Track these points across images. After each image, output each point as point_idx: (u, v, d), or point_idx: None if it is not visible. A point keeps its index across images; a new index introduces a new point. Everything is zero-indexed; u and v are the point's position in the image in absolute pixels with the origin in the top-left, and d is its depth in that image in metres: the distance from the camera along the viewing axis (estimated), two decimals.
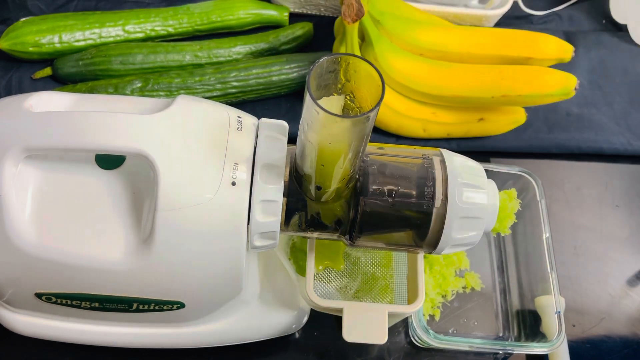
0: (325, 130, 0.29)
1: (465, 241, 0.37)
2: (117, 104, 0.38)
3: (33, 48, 0.58)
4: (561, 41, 0.56)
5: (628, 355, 0.53)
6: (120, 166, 0.38)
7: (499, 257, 0.56)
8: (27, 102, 0.36)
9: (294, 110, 0.61)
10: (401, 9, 0.58)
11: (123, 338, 0.44)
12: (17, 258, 0.36)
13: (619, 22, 0.70)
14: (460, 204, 0.36)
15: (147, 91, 0.56)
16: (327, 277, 0.47)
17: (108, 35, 0.59)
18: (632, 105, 0.65)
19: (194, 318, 0.43)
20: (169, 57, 0.58)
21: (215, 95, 0.57)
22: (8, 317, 0.42)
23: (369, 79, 0.30)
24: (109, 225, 0.37)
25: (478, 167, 0.39)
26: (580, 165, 0.62)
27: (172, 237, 0.35)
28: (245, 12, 0.63)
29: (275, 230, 0.36)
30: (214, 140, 0.36)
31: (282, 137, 0.37)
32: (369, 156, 0.38)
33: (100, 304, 0.39)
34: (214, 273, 0.38)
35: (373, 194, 0.36)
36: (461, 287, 0.52)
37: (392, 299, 0.46)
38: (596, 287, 0.56)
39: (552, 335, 0.47)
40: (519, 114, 0.59)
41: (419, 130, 0.58)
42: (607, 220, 0.59)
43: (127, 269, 0.36)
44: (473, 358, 0.51)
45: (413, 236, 0.38)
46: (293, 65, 0.59)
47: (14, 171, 0.35)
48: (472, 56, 0.56)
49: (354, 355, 0.50)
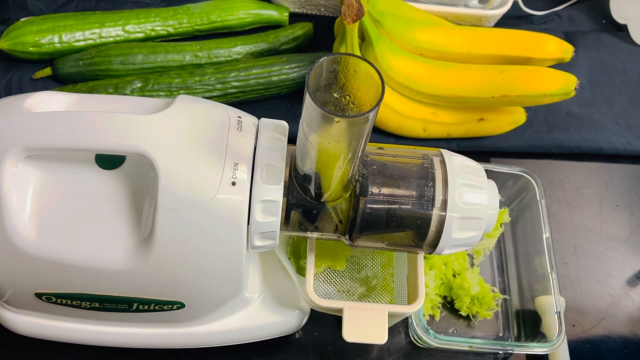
0: (324, 130, 0.29)
1: (466, 241, 0.37)
2: (117, 104, 0.38)
3: (33, 48, 0.58)
4: (561, 41, 0.56)
5: (628, 355, 0.53)
6: (120, 166, 0.38)
7: (499, 257, 0.56)
8: (27, 102, 0.36)
9: (294, 110, 0.61)
10: (401, 9, 0.58)
11: (123, 338, 0.44)
12: (17, 258, 0.36)
13: (619, 22, 0.70)
14: (460, 204, 0.36)
15: (147, 91, 0.56)
16: (327, 277, 0.47)
17: (108, 35, 0.59)
18: (632, 105, 0.65)
19: (194, 318, 0.43)
20: (169, 57, 0.58)
21: (215, 95, 0.57)
22: (8, 317, 0.42)
23: (368, 79, 0.30)
24: (109, 225, 0.37)
25: (478, 167, 0.39)
26: (580, 165, 0.62)
27: (172, 237, 0.35)
28: (245, 12, 0.63)
29: (275, 230, 0.36)
30: (214, 140, 0.36)
31: (282, 137, 0.37)
32: (369, 156, 0.38)
33: (100, 304, 0.39)
34: (214, 273, 0.38)
35: (373, 194, 0.36)
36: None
37: (392, 299, 0.46)
38: (596, 287, 0.56)
39: (552, 335, 0.47)
40: (519, 114, 0.59)
41: (419, 130, 0.58)
42: (607, 220, 0.59)
43: (127, 269, 0.36)
44: (473, 358, 0.51)
45: (413, 236, 0.38)
46: (293, 65, 0.59)
47: (14, 171, 0.35)
48: (472, 56, 0.56)
49: (354, 355, 0.50)
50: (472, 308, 0.51)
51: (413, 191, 0.36)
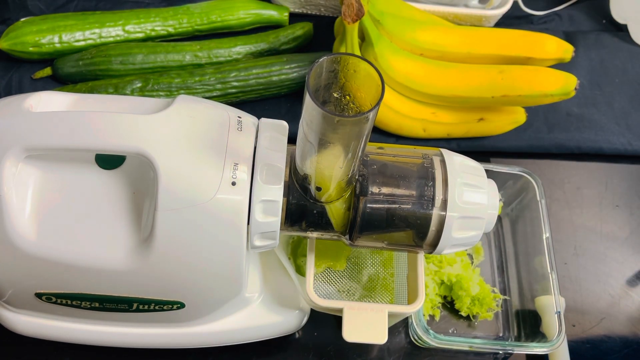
0: (324, 130, 0.29)
1: (466, 241, 0.37)
2: (117, 104, 0.38)
3: (33, 48, 0.58)
4: (561, 41, 0.56)
5: (628, 355, 0.53)
6: (120, 166, 0.38)
7: (499, 257, 0.56)
8: (27, 102, 0.36)
9: (294, 110, 0.61)
10: (401, 9, 0.58)
11: (123, 338, 0.44)
12: (17, 258, 0.36)
13: (619, 22, 0.70)
14: (460, 204, 0.36)
15: (147, 91, 0.56)
16: (327, 277, 0.47)
17: (108, 35, 0.59)
18: (632, 105, 0.65)
19: (194, 318, 0.43)
20: (169, 57, 0.58)
21: (215, 95, 0.57)
22: (8, 317, 0.42)
23: (368, 79, 0.30)
24: (109, 225, 0.37)
25: (478, 167, 0.39)
26: (580, 165, 0.62)
27: (172, 237, 0.35)
28: (245, 12, 0.63)
29: (275, 230, 0.36)
30: (214, 140, 0.36)
31: (282, 137, 0.37)
32: (369, 156, 0.38)
33: (100, 304, 0.39)
34: (214, 273, 0.38)
35: (373, 193, 0.36)
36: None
37: (392, 299, 0.46)
38: (596, 287, 0.56)
39: (552, 335, 0.47)
40: (519, 114, 0.59)
41: (419, 130, 0.58)
42: (607, 220, 0.59)
43: (127, 268, 0.36)
44: (473, 358, 0.51)
45: (413, 236, 0.38)
46: (293, 65, 0.59)
47: (14, 171, 0.35)
48: (472, 56, 0.56)
49: (354, 355, 0.50)
50: (473, 309, 0.51)
51: (413, 191, 0.36)
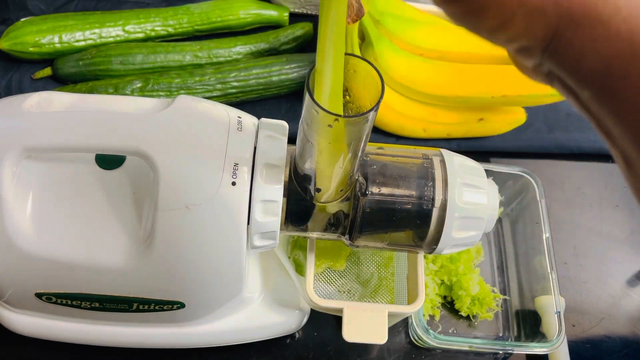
0: (324, 130, 0.29)
1: (465, 241, 0.37)
2: (117, 104, 0.38)
3: (33, 48, 0.58)
4: None
5: (628, 355, 0.53)
6: (120, 166, 0.38)
7: (499, 257, 0.56)
8: (27, 102, 0.36)
9: (294, 110, 0.61)
10: (401, 9, 0.58)
11: (123, 338, 0.44)
12: (17, 258, 0.36)
13: None
14: (460, 204, 0.36)
15: (147, 91, 0.56)
16: (327, 277, 0.47)
17: (108, 35, 0.59)
18: None
19: (194, 318, 0.43)
20: (169, 57, 0.58)
21: (215, 96, 0.57)
22: (8, 317, 0.42)
23: (368, 79, 0.30)
24: (109, 225, 0.37)
25: (478, 167, 0.39)
26: (580, 165, 0.62)
27: (172, 237, 0.35)
28: (245, 12, 0.63)
29: (275, 230, 0.36)
30: (214, 140, 0.36)
31: (282, 137, 0.37)
32: (369, 156, 0.38)
33: (100, 304, 0.39)
34: (214, 273, 0.38)
35: (373, 193, 0.36)
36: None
37: (392, 299, 0.46)
38: (596, 287, 0.56)
39: (552, 335, 0.47)
40: (519, 114, 0.59)
41: (419, 130, 0.58)
42: (607, 220, 0.59)
43: (128, 268, 0.36)
44: (473, 358, 0.51)
45: (413, 236, 0.38)
46: (293, 65, 0.59)
47: (14, 171, 0.35)
48: (472, 56, 0.56)
49: (354, 355, 0.50)
50: (473, 309, 0.51)
51: (413, 191, 0.36)
